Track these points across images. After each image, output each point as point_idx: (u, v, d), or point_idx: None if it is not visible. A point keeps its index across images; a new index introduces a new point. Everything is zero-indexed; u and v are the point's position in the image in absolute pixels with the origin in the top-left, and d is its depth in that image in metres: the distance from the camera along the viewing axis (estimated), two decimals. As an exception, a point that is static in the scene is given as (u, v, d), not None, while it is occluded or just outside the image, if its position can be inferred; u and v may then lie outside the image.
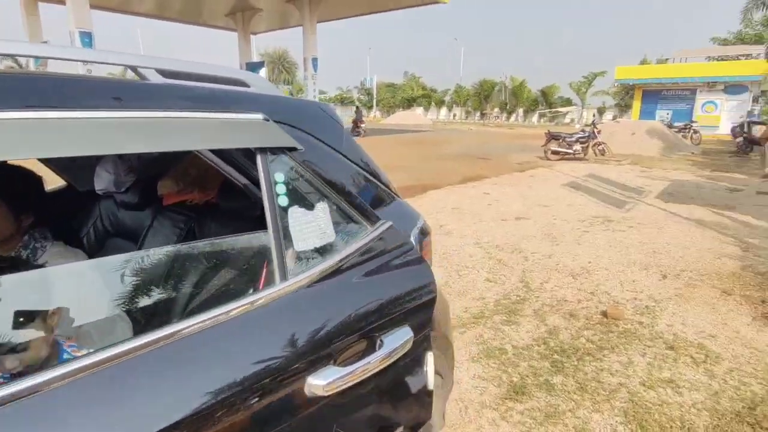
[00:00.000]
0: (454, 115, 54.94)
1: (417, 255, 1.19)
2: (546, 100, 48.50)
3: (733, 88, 28.43)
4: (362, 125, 24.73)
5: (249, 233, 1.17)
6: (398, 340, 1.03)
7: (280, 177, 0.99)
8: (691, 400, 2.37)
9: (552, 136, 14.01)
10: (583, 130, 14.93)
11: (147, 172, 1.77)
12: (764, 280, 3.98)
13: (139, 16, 26.31)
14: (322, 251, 1.02)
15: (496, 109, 50.71)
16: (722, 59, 29.78)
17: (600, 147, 14.40)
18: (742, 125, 17.33)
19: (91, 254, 1.84)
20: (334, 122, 1.39)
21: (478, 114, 51.83)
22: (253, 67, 27.56)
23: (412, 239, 1.50)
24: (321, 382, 0.89)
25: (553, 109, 47.63)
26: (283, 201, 0.98)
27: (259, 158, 0.97)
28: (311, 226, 1.02)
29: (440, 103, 56.86)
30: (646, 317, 3.30)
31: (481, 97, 50.98)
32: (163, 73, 1.02)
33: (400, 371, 1.06)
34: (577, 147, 13.79)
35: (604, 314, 3.33)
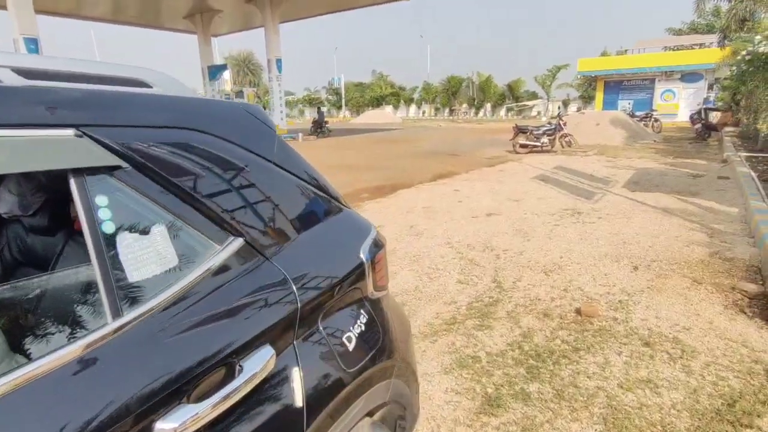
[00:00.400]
0: (424, 113, 55.06)
1: (273, 268, 1.07)
2: (512, 94, 49.12)
3: (690, 76, 29.39)
4: (327, 125, 24.40)
5: (71, 268, 1.00)
6: (259, 361, 0.92)
7: (102, 200, 0.83)
8: (671, 401, 2.28)
9: (520, 130, 14.09)
10: (549, 123, 15.09)
11: (58, 191, 1.54)
12: (732, 266, 3.98)
13: (92, 21, 25.28)
14: (163, 279, 0.89)
15: (465, 105, 51.06)
16: (678, 49, 30.75)
17: (567, 139, 14.56)
18: (699, 112, 17.87)
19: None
20: (264, 127, 1.21)
21: (446, 110, 52.09)
22: (216, 70, 26.93)
23: (362, 255, 1.32)
24: (171, 425, 0.76)
25: (520, 103, 48.29)
26: (108, 227, 0.83)
27: (72, 181, 0.81)
28: (147, 252, 0.88)
29: (409, 101, 56.92)
30: (620, 312, 3.22)
31: (449, 94, 51.26)
32: (23, 72, 0.81)
33: (267, 393, 0.96)
34: (545, 139, 13.91)
35: (578, 312, 3.23)
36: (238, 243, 1.00)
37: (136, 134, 0.89)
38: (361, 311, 1.27)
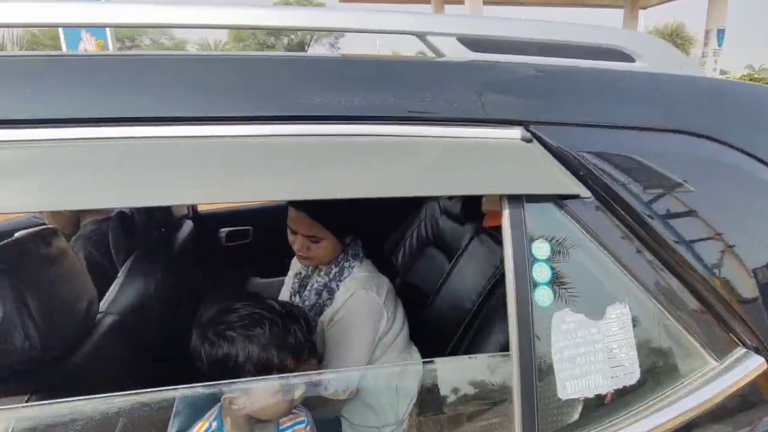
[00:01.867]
0: None
1: None
2: None
3: None
4: None
5: (490, 355, 0.68)
6: None
7: (542, 251, 0.50)
8: None
9: None
10: None
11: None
12: None
13: (526, 6, 27.55)
14: (607, 406, 0.50)
15: None
16: None
17: None
18: None
19: (407, 262, 1.69)
20: None
21: None
22: (636, 46, 24.82)
23: None
24: None
25: None
26: (543, 296, 0.49)
27: (507, 211, 0.49)
28: (593, 348, 0.50)
29: None
30: None
31: None
32: (469, 43, 0.58)
33: None
34: None
35: None
36: (754, 364, 0.52)
37: (603, 140, 0.54)
38: None
